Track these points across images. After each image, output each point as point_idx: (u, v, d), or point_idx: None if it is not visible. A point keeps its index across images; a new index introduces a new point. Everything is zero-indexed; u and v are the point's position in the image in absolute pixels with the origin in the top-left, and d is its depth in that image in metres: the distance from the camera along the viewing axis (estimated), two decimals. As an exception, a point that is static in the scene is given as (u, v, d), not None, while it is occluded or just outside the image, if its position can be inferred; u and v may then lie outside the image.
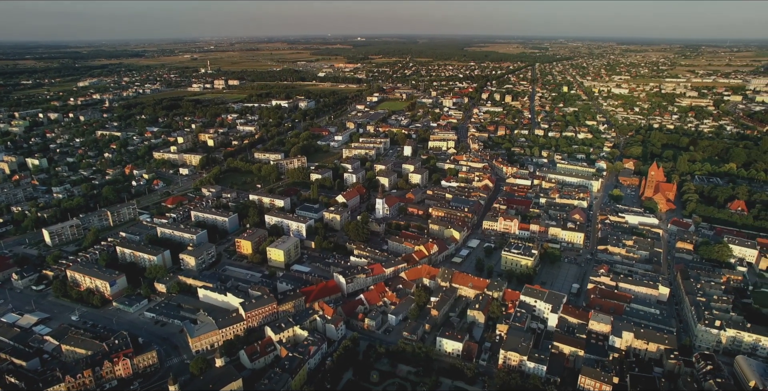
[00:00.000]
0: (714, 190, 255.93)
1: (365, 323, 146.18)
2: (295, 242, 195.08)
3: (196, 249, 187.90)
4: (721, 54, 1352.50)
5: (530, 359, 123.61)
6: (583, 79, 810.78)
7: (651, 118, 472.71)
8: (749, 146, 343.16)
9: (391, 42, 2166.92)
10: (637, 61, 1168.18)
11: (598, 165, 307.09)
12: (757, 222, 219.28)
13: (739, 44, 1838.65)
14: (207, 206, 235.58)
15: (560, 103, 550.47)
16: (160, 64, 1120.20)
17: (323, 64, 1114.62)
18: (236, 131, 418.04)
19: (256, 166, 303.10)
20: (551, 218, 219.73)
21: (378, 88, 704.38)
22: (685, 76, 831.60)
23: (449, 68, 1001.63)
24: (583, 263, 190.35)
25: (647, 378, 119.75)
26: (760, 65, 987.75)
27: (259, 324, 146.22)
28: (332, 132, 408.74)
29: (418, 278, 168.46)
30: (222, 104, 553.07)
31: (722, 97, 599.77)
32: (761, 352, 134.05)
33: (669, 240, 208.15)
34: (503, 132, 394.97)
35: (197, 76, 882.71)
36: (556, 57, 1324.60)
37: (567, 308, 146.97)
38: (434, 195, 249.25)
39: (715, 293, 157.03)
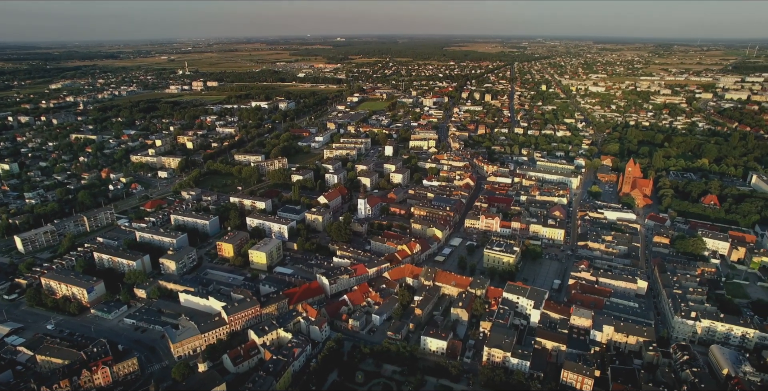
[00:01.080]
0: (688, 186, 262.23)
1: (349, 323, 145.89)
2: (277, 244, 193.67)
3: (177, 253, 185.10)
4: (692, 53, 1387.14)
5: (514, 355, 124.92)
6: (561, 77, 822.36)
7: (627, 116, 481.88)
8: (720, 142, 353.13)
9: (371, 42, 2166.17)
10: (613, 59, 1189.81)
11: (577, 162, 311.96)
12: (728, 215, 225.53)
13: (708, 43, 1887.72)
14: (187, 209, 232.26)
15: (539, 102, 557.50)
16: (136, 66, 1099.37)
17: (303, 65, 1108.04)
18: (216, 133, 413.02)
19: (237, 169, 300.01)
20: (532, 216, 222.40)
21: (358, 88, 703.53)
22: (658, 74, 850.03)
23: (429, 68, 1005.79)
24: (564, 259, 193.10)
25: (627, 370, 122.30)
26: (728, 64, 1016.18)
27: (242, 327, 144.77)
28: (313, 133, 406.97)
29: (401, 278, 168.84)
30: (201, 106, 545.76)
31: (694, 95, 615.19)
32: (733, 341, 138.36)
33: (646, 235, 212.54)
34: (483, 131, 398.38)
35: (175, 77, 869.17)
36: (535, 56, 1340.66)
37: (549, 304, 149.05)
38: (416, 194, 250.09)
39: (690, 286, 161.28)
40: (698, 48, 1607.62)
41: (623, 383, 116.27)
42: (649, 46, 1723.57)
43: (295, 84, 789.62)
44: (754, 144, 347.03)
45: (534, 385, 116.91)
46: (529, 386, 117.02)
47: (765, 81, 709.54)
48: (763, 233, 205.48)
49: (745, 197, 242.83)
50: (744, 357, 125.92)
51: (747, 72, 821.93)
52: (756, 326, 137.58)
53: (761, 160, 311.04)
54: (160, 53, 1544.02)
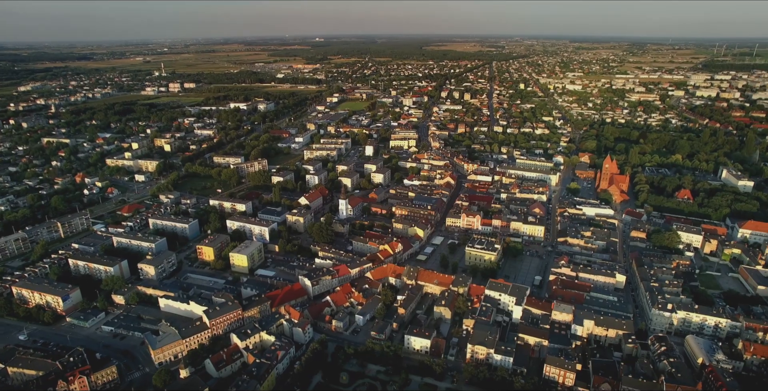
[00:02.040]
0: (663, 181, 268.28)
1: (332, 324, 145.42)
2: (259, 246, 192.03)
3: (156, 258, 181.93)
4: (665, 51, 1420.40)
5: (497, 351, 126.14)
6: (539, 76, 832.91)
7: (603, 113, 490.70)
8: (692, 138, 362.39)
9: (350, 42, 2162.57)
10: (589, 58, 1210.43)
11: (556, 159, 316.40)
12: (701, 209, 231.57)
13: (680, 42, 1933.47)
14: (166, 213, 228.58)
15: (517, 100, 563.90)
16: (111, 68, 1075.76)
17: (282, 66, 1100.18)
18: (194, 135, 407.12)
19: (216, 171, 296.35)
20: (512, 213, 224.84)
21: (338, 88, 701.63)
22: (633, 72, 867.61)
23: (408, 68, 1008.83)
24: (545, 255, 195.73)
25: (608, 363, 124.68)
26: (698, 62, 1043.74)
27: (225, 331, 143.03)
28: (293, 134, 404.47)
29: (383, 278, 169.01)
30: (178, 108, 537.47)
31: (667, 92, 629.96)
32: (707, 330, 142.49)
33: (624, 230, 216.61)
34: (463, 130, 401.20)
35: (151, 79, 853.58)
36: (513, 55, 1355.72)
37: (530, 300, 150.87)
38: (397, 194, 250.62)
39: (666, 278, 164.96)
40: (670, 47, 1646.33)
41: (604, 375, 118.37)
42: (624, 45, 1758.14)
43: (274, 85, 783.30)
44: (723, 140, 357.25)
45: (517, 380, 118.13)
46: (513, 381, 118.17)
47: (732, 79, 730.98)
48: (733, 225, 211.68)
49: (716, 191, 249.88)
50: (717, 346, 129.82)
51: (716, 70, 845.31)
52: (727, 315, 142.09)
53: (730, 156, 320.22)
54: (135, 54, 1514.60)
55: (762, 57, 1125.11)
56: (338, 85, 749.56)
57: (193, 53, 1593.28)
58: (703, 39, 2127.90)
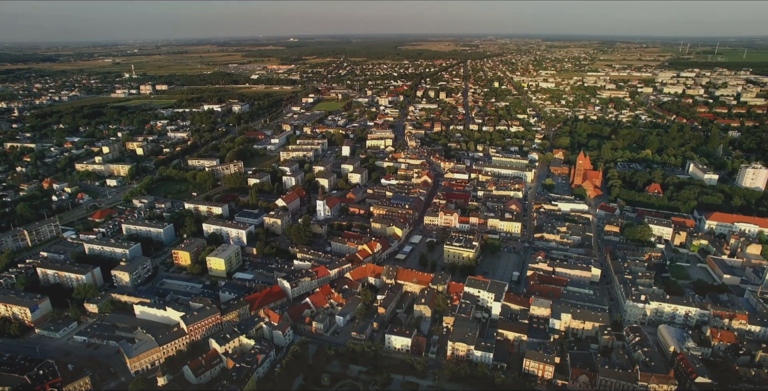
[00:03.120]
0: (634, 176, 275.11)
1: (313, 326, 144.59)
2: (236, 249, 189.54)
3: (130, 264, 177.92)
4: (633, 50, 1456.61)
5: (477, 348, 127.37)
6: (513, 74, 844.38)
7: (576, 110, 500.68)
8: (661, 134, 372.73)
9: (324, 42, 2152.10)
10: (561, 56, 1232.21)
11: (531, 156, 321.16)
12: (671, 203, 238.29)
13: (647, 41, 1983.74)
14: (139, 218, 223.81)
15: (492, 99, 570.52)
16: (78, 70, 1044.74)
17: (256, 67, 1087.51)
18: (167, 138, 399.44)
19: (191, 174, 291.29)
20: (489, 210, 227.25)
21: (313, 89, 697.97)
22: (603, 70, 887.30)
23: (384, 67, 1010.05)
24: (522, 251, 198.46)
25: (585, 355, 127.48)
26: (665, 60, 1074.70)
27: (203, 337, 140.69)
28: (268, 135, 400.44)
29: (363, 278, 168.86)
30: (150, 110, 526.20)
31: (636, 89, 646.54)
32: (678, 319, 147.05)
33: (598, 224, 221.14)
34: (439, 128, 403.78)
35: (121, 81, 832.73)
36: (487, 54, 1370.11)
37: (509, 296, 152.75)
38: (375, 194, 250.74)
39: (639, 271, 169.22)
40: (638, 45, 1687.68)
41: (581, 367, 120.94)
42: (594, 44, 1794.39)
43: (248, 86, 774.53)
44: (690, 135, 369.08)
45: (498, 375, 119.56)
46: (493, 376, 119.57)
47: (696, 76, 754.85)
48: (701, 217, 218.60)
49: (684, 185, 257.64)
50: (687, 334, 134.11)
51: (681, 68, 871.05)
52: (696, 304, 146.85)
53: (696, 150, 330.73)
54: (104, 56, 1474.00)
55: (723, 55, 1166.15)
56: (313, 85, 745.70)
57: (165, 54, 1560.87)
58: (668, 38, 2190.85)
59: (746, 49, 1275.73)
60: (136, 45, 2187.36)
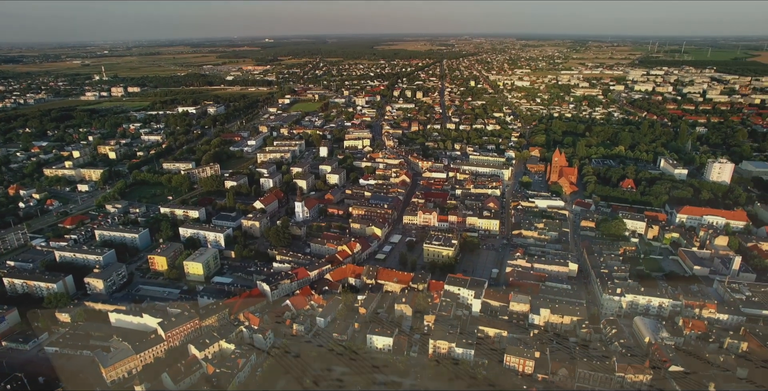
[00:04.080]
0: (608, 172, 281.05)
1: (294, 328, 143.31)
2: (214, 253, 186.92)
3: (104, 271, 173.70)
4: (605, 48, 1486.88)
5: (458, 345, 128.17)
6: (489, 73, 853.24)
7: (551, 108, 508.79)
8: (633, 130, 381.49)
9: (300, 43, 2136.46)
10: (535, 55, 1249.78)
11: (508, 154, 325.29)
12: (643, 197, 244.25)
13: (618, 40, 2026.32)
14: (113, 224, 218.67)
15: (468, 97, 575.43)
16: (44, 71, 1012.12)
17: (231, 68, 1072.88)
18: (141, 141, 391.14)
19: (166, 178, 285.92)
20: (468, 208, 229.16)
21: (289, 89, 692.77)
22: (577, 68, 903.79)
23: (360, 67, 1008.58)
24: (500, 248, 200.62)
25: (564, 349, 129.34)
26: (635, 59, 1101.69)
27: (182, 343, 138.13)
28: (245, 137, 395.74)
29: (343, 278, 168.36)
30: (122, 113, 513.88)
31: (608, 87, 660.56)
32: (652, 311, 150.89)
33: (574, 220, 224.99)
34: (416, 128, 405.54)
35: (91, 83, 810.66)
36: (462, 53, 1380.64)
37: (489, 293, 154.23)
38: (353, 194, 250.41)
39: (615, 264, 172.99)
40: (609, 44, 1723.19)
41: (561, 361, 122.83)
42: (567, 43, 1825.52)
43: (223, 87, 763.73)
44: (660, 131, 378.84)
45: (479, 372, 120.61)
46: (475, 373, 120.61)
47: (665, 74, 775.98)
48: (672, 211, 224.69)
49: (656, 180, 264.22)
50: (661, 325, 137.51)
51: (650, 66, 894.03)
52: (669, 296, 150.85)
53: (667, 146, 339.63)
54: (72, 57, 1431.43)
55: (689, 54, 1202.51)
56: (290, 86, 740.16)
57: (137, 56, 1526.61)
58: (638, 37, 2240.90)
59: (710, 48, 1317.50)
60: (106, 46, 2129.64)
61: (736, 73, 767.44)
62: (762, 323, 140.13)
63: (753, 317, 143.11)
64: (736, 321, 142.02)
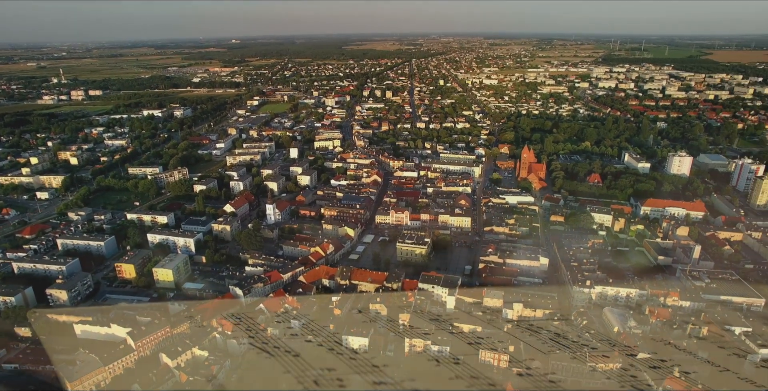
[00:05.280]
0: (575, 167, 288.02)
1: (268, 332, 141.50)
2: (184, 258, 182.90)
3: (68, 281, 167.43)
4: (570, 47, 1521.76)
5: (434, 342, 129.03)
6: (457, 72, 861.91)
7: (519, 106, 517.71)
8: (598, 126, 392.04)
9: (268, 43, 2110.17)
10: (502, 54, 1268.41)
11: (478, 152, 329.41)
12: (609, 191, 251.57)
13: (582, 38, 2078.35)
14: (77, 232, 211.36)
15: (438, 96, 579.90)
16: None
17: (197, 70, 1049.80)
18: (104, 146, 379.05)
19: (132, 183, 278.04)
20: (439, 206, 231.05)
21: (258, 91, 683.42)
22: (543, 66, 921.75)
23: (329, 67, 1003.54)
24: (473, 245, 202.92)
25: (537, 342, 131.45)
26: (599, 56, 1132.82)
27: (153, 352, 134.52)
28: (213, 140, 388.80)
29: (317, 280, 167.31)
30: (84, 117, 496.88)
31: (574, 84, 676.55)
32: (620, 301, 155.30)
33: (544, 215, 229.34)
34: (387, 127, 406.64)
35: (48, 86, 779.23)
36: (431, 52, 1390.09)
37: (462, 290, 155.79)
38: (325, 195, 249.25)
39: (584, 257, 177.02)
40: (574, 42, 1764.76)
41: (535, 354, 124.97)
42: (533, 41, 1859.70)
43: (190, 90, 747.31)
44: (623, 127, 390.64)
45: (455, 369, 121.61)
46: (451, 370, 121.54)
47: (627, 71, 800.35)
48: (637, 204, 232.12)
49: (621, 174, 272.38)
50: (629, 314, 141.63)
51: (613, 63, 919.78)
52: (636, 286, 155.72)
53: (630, 141, 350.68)
54: (27, 59, 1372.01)
55: (648, 52, 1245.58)
56: (258, 87, 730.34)
57: (97, 58, 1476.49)
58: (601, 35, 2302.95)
59: (668, 47, 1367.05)
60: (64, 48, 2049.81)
61: (691, 70, 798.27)
62: (720, 308, 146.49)
63: (712, 302, 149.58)
64: (697, 307, 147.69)
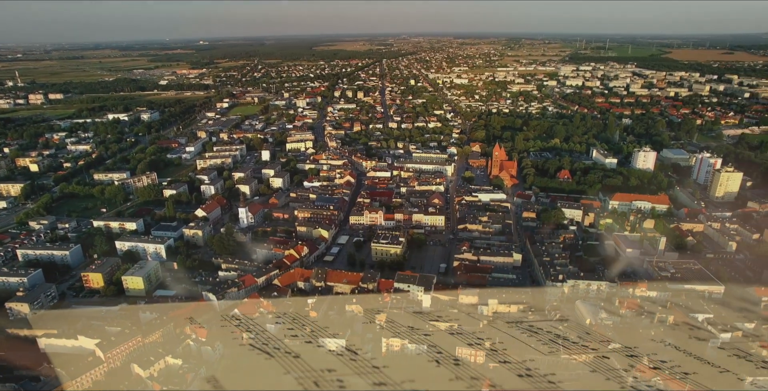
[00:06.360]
0: (546, 164, 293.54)
1: (243, 338, 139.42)
2: (155, 265, 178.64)
3: (30, 293, 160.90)
4: (537, 46, 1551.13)
5: (411, 341, 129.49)
6: (428, 71, 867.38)
7: (489, 104, 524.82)
8: (566, 123, 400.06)
9: (237, 44, 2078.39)
10: (472, 53, 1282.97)
11: (450, 151, 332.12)
12: (579, 187, 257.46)
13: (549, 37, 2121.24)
14: (39, 241, 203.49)
15: (409, 96, 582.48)
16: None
17: (164, 72, 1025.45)
18: (67, 152, 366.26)
19: (98, 189, 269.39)
20: (413, 206, 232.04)
21: (227, 93, 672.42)
22: (512, 65, 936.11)
23: (299, 68, 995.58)
24: (447, 243, 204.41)
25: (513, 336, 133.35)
26: (565, 55, 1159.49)
27: (123, 362, 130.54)
28: (182, 143, 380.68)
29: (292, 283, 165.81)
30: (43, 122, 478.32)
31: (542, 83, 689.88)
32: (592, 294, 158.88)
33: (516, 211, 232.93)
34: (359, 128, 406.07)
35: (3, 90, 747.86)
36: (401, 52, 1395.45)
37: (438, 288, 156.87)
38: (298, 197, 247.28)
39: (556, 252, 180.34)
40: (541, 41, 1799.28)
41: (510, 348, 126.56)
42: (502, 41, 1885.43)
43: (157, 92, 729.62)
44: (591, 123, 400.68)
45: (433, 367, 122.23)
46: (428, 368, 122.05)
47: (593, 70, 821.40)
48: (605, 198, 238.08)
49: (589, 170, 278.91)
50: (600, 307, 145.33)
51: (579, 62, 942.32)
52: (606, 278, 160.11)
53: (597, 137, 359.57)
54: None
55: (612, 50, 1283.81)
56: (228, 89, 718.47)
57: (57, 60, 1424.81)
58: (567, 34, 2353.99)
59: (630, 46, 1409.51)
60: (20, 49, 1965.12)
61: (653, 68, 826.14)
62: (684, 296, 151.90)
63: (677, 291, 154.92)
64: (664, 297, 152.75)
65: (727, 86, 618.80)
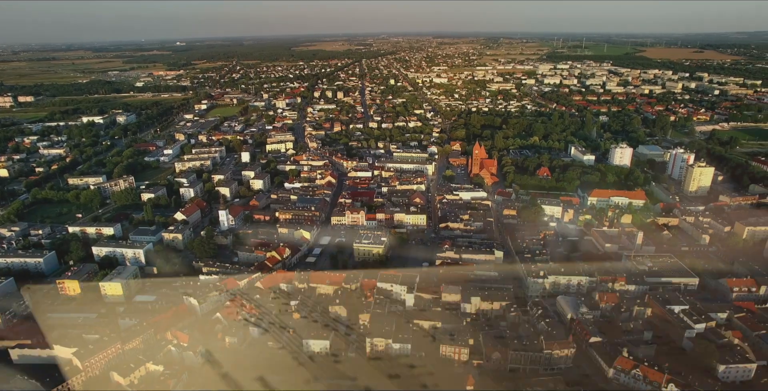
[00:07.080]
0: (525, 161, 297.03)
1: (226, 341, 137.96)
2: (134, 270, 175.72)
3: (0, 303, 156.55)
4: (515, 45, 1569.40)
5: (395, 341, 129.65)
6: (407, 71, 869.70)
7: (469, 103, 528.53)
8: (545, 121, 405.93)
9: (214, 45, 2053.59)
10: (451, 52, 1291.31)
11: (430, 150, 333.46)
12: (558, 184, 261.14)
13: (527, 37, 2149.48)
14: (10, 249, 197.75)
15: (389, 96, 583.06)
16: None
17: (140, 73, 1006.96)
18: (39, 156, 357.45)
19: (73, 194, 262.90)
20: (395, 205, 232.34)
21: (206, 94, 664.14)
22: (491, 64, 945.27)
23: (278, 69, 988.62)
24: (429, 242, 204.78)
25: (496, 333, 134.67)
26: (543, 54, 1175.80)
27: (102, 371, 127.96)
28: (160, 146, 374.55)
29: (274, 285, 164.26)
30: (13, 125, 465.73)
31: (521, 81, 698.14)
32: (572, 289, 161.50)
33: (497, 209, 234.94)
34: (339, 128, 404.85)
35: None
36: (381, 52, 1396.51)
37: (421, 287, 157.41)
38: (279, 198, 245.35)
39: (537, 249, 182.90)
40: (519, 41, 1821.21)
41: (494, 345, 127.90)
42: (481, 40, 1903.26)
43: (133, 95, 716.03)
44: (569, 121, 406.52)
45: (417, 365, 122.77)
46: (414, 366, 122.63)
47: (570, 68, 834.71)
48: (584, 195, 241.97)
49: (568, 167, 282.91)
50: (581, 301, 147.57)
51: (557, 60, 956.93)
52: (586, 273, 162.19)
53: (576, 134, 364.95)
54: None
55: (589, 49, 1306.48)
56: (206, 91, 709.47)
57: (27, 61, 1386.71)
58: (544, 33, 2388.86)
59: (606, 44, 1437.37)
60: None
61: (628, 66, 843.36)
62: (661, 289, 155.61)
63: (654, 285, 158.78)
64: (642, 290, 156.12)
65: (699, 84, 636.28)
